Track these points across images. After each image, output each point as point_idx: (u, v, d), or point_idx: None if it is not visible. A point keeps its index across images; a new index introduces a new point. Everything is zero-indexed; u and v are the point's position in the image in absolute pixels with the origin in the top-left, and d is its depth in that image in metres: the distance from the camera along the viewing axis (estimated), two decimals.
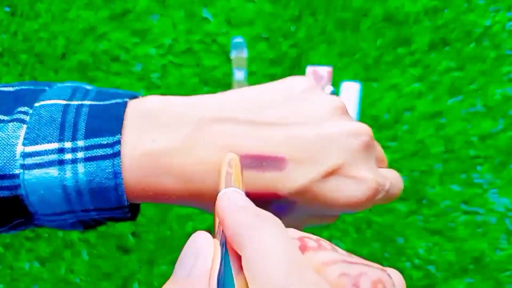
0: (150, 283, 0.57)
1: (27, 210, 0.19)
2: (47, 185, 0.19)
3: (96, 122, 0.20)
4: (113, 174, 0.19)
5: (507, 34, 0.59)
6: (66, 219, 0.20)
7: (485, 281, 0.57)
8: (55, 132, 0.19)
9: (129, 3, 0.59)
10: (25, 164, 0.19)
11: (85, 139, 0.19)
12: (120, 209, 0.20)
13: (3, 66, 0.58)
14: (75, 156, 0.19)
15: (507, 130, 0.59)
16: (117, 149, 0.19)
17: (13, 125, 0.19)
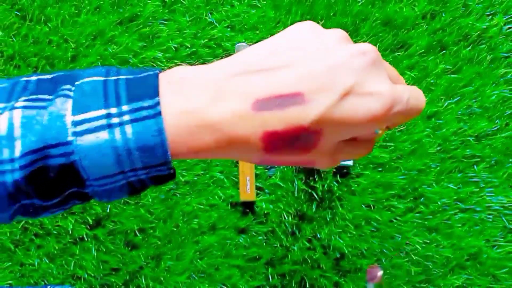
0: (157, 277, 0.58)
1: (79, 176, 0.21)
2: (99, 148, 0.20)
3: (135, 90, 0.22)
4: (158, 131, 0.21)
5: (503, 37, 0.61)
6: (116, 181, 0.21)
7: (483, 277, 0.58)
8: (100, 101, 0.21)
9: (137, 8, 0.61)
10: (77, 131, 0.20)
11: (128, 103, 0.21)
12: (165, 165, 0.21)
13: (13, 68, 0.60)
14: (122, 119, 0.21)
15: (503, 130, 0.60)
16: (158, 110, 0.21)
17: (60, 100, 0.21)
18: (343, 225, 0.59)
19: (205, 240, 0.59)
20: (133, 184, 0.22)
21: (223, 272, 0.58)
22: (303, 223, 0.59)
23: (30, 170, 0.20)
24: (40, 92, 0.21)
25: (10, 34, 0.60)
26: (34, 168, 0.20)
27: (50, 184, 0.21)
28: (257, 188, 0.59)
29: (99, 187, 0.22)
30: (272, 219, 0.59)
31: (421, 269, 0.58)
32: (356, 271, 0.59)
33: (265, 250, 0.59)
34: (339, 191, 0.59)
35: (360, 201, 0.59)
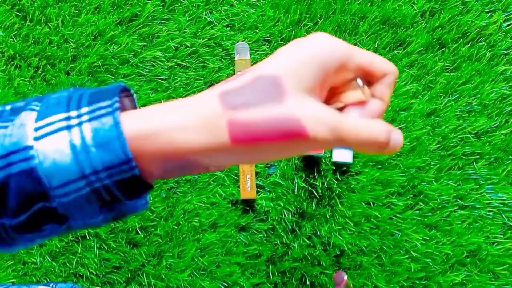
0: (158, 275, 0.59)
1: (41, 184, 0.20)
2: (58, 148, 0.20)
3: (97, 96, 0.22)
4: (114, 125, 0.20)
5: (502, 34, 0.61)
6: (80, 188, 0.21)
7: (482, 274, 0.58)
8: (62, 108, 0.21)
9: (137, 8, 0.61)
10: (37, 136, 0.20)
11: (88, 105, 0.21)
12: (126, 164, 0.21)
13: (14, 68, 0.60)
14: (81, 120, 0.21)
15: (503, 127, 0.60)
16: (116, 106, 0.21)
17: (25, 113, 0.21)
18: (343, 222, 0.59)
19: (206, 237, 0.59)
20: (99, 193, 0.21)
21: (224, 269, 0.59)
22: (303, 221, 0.59)
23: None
24: (12, 115, 0.22)
25: (10, 35, 0.60)
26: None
27: (14, 195, 0.21)
28: (257, 186, 0.60)
29: (64, 197, 0.21)
30: (272, 217, 0.59)
31: (420, 266, 0.58)
32: (356, 268, 0.59)
33: (265, 247, 0.59)
34: (339, 189, 0.60)
35: (359, 199, 0.59)
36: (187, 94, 0.61)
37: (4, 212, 0.21)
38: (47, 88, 0.60)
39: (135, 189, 0.22)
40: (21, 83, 0.60)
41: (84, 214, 0.22)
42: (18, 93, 0.60)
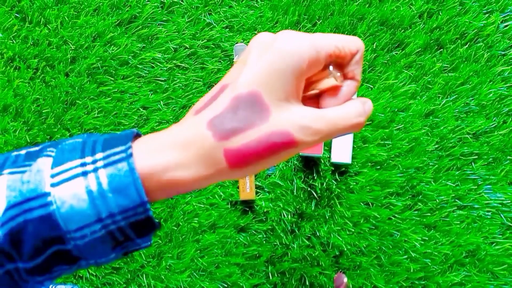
0: (158, 276, 0.59)
1: (58, 228, 0.21)
2: (75, 194, 0.21)
3: (110, 141, 0.23)
4: (130, 171, 0.21)
5: (500, 35, 0.61)
6: (95, 231, 0.21)
7: (481, 274, 0.58)
8: (77, 154, 0.22)
9: (136, 9, 0.61)
10: (54, 182, 0.21)
11: (102, 151, 0.22)
12: (141, 207, 0.22)
13: (14, 70, 0.60)
14: (96, 166, 0.21)
15: (501, 128, 0.60)
16: (130, 152, 0.22)
17: (41, 159, 0.22)
18: (342, 223, 0.59)
19: (206, 238, 0.59)
20: (114, 234, 0.22)
21: (223, 270, 0.59)
22: (302, 221, 0.59)
23: (11, 226, 0.21)
24: (27, 161, 0.22)
25: (10, 36, 0.60)
26: (15, 224, 0.21)
27: (31, 240, 0.21)
28: (257, 187, 0.60)
29: (80, 239, 0.22)
30: (271, 218, 0.60)
31: (419, 266, 0.58)
32: (355, 268, 0.59)
33: (265, 248, 0.59)
34: (338, 189, 0.60)
35: (358, 199, 0.59)
36: (186, 95, 0.61)
37: (19, 256, 0.21)
38: (46, 90, 0.60)
39: (147, 228, 0.23)
40: (20, 85, 0.60)
41: (97, 255, 0.23)
42: (17, 94, 0.60)
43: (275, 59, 0.23)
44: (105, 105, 0.60)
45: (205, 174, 0.23)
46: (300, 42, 0.24)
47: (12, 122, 0.59)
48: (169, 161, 0.22)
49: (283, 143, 0.23)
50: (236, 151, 0.22)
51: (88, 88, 0.60)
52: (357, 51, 0.26)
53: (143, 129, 0.61)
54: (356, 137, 0.61)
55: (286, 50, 0.23)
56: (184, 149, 0.23)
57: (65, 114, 0.60)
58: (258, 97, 0.23)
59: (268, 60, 0.23)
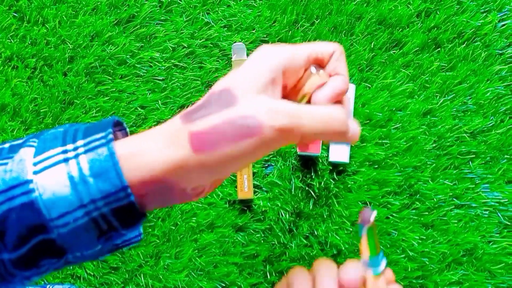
0: (156, 276, 0.59)
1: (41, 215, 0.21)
2: (57, 180, 0.21)
3: (91, 129, 0.23)
4: (110, 155, 0.21)
5: (497, 34, 0.61)
6: (78, 218, 0.21)
7: (479, 272, 0.58)
8: (58, 142, 0.22)
9: (134, 9, 0.61)
10: (36, 170, 0.21)
11: (83, 138, 0.22)
12: (123, 191, 0.21)
13: (11, 69, 0.60)
14: (77, 152, 0.22)
15: (498, 127, 0.60)
16: (110, 138, 0.22)
17: (24, 149, 0.22)
18: (340, 222, 0.59)
19: (204, 238, 0.59)
20: (97, 222, 0.22)
21: (221, 269, 0.59)
22: (300, 221, 0.60)
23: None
24: (10, 153, 0.22)
25: (8, 36, 0.60)
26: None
27: (14, 228, 0.21)
28: (255, 186, 0.60)
29: (63, 227, 0.21)
30: (269, 217, 0.60)
31: (417, 265, 0.59)
32: None
33: (263, 247, 0.59)
34: (336, 189, 0.60)
35: (356, 198, 0.60)
36: (184, 94, 0.62)
37: (4, 246, 0.21)
38: (44, 89, 0.60)
39: (130, 217, 0.23)
40: (18, 84, 0.60)
41: (82, 245, 0.22)
42: (15, 94, 0.60)
43: (249, 62, 0.24)
44: (103, 104, 0.61)
45: (171, 157, 0.22)
46: (279, 46, 0.25)
47: (10, 122, 0.59)
48: (143, 145, 0.23)
49: (249, 127, 0.23)
50: (200, 132, 0.22)
51: (86, 87, 0.60)
52: (334, 52, 0.27)
53: (141, 128, 0.61)
54: None
55: (265, 51, 0.25)
56: (157, 135, 0.23)
57: (63, 113, 0.60)
58: (227, 90, 0.24)
59: (247, 62, 0.24)
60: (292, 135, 0.23)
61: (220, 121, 0.22)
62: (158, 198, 0.23)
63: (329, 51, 0.26)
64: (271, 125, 0.23)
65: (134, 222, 0.23)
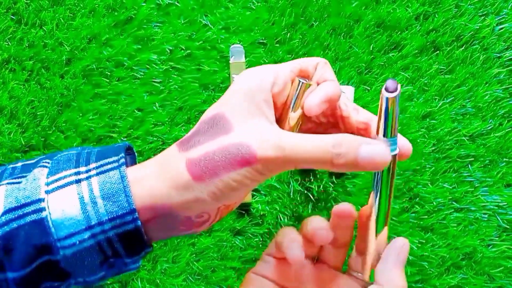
0: (153, 280, 0.58)
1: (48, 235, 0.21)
2: (67, 200, 0.21)
3: (104, 152, 0.24)
4: (120, 178, 0.22)
5: (495, 38, 0.61)
6: (84, 240, 0.22)
7: (478, 276, 0.58)
8: (72, 164, 0.23)
9: (132, 11, 0.61)
10: (48, 189, 0.22)
11: (96, 161, 0.23)
12: (130, 215, 0.22)
13: (9, 72, 0.60)
14: (89, 174, 0.22)
15: (497, 130, 0.60)
16: (122, 162, 0.23)
17: (38, 169, 0.23)
18: None
19: (201, 242, 0.59)
20: (102, 246, 0.22)
21: (219, 274, 0.59)
22: (299, 224, 0.59)
23: (4, 230, 0.21)
24: (23, 172, 0.23)
25: (5, 38, 0.60)
26: (8, 229, 0.21)
27: (22, 247, 0.21)
28: (253, 189, 0.60)
29: (69, 248, 0.22)
30: (268, 221, 0.59)
31: (416, 269, 0.58)
32: None
33: (261, 251, 0.59)
34: (335, 192, 0.60)
35: (356, 202, 0.59)
36: (182, 97, 0.61)
37: (10, 264, 0.22)
38: (41, 92, 0.59)
39: (136, 244, 0.23)
40: (15, 87, 0.59)
41: (85, 270, 0.23)
42: (12, 96, 0.59)
43: (239, 83, 0.25)
44: (100, 107, 0.60)
45: (174, 185, 0.23)
46: (262, 67, 0.26)
47: (6, 125, 0.59)
48: (147, 172, 0.24)
49: (242, 155, 0.23)
50: (196, 161, 0.23)
51: (83, 90, 0.60)
52: (317, 63, 0.28)
53: (139, 131, 0.60)
54: None
55: (250, 73, 0.25)
56: (158, 163, 0.24)
57: (60, 116, 0.60)
58: (221, 116, 0.24)
59: (233, 86, 0.25)
60: (283, 165, 0.24)
61: (217, 148, 0.23)
62: (163, 226, 0.24)
63: (313, 63, 0.27)
64: (262, 156, 0.23)
65: (139, 251, 0.23)
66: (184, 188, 0.23)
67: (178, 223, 0.24)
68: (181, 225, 0.24)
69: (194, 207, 0.24)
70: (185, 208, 0.23)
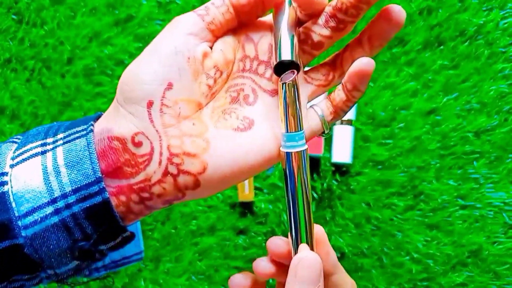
0: (156, 279, 0.58)
1: (9, 210, 0.19)
2: (30, 171, 0.20)
3: (74, 123, 0.22)
4: (86, 145, 0.20)
5: (500, 32, 0.61)
6: (47, 216, 0.19)
7: (484, 274, 0.58)
8: (40, 136, 0.21)
9: (132, 9, 0.61)
10: (13, 163, 0.20)
11: (64, 132, 0.21)
12: (96, 184, 0.20)
13: (11, 71, 0.60)
14: (56, 144, 0.20)
15: (502, 125, 0.60)
16: (90, 129, 0.21)
17: (6, 144, 0.21)
18: (343, 224, 0.59)
19: (204, 241, 0.58)
20: (68, 225, 0.20)
21: (222, 273, 0.58)
22: None
23: None
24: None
25: (7, 38, 0.60)
26: None
27: None
28: (256, 188, 0.59)
29: (31, 226, 0.19)
30: (271, 220, 0.59)
31: (422, 267, 0.58)
32: (357, 271, 0.58)
33: (264, 250, 0.58)
34: (339, 190, 0.59)
35: (360, 200, 0.59)
36: None
37: None
38: (42, 91, 0.59)
39: (107, 225, 0.20)
40: (17, 86, 0.59)
41: (53, 257, 0.20)
42: (14, 96, 0.59)
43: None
44: (101, 105, 0.60)
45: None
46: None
47: (8, 124, 0.59)
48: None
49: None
50: None
51: (85, 89, 0.60)
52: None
53: None
54: (357, 137, 0.60)
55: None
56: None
57: (61, 115, 0.59)
58: None
59: None
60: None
61: None
62: (117, 170, 0.21)
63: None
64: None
65: (114, 236, 0.21)
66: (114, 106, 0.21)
67: (124, 161, 0.20)
68: (126, 165, 0.20)
69: (128, 124, 0.20)
70: (119, 125, 0.20)
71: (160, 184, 0.21)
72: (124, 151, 0.21)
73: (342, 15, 0.23)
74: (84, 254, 0.21)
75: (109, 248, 0.21)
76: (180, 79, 0.21)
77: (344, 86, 0.23)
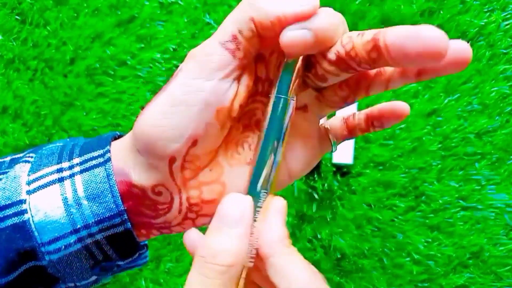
0: (157, 279, 0.58)
1: (32, 239, 0.19)
2: (50, 201, 0.19)
3: (89, 145, 0.21)
4: (106, 177, 0.20)
5: (501, 34, 0.61)
6: (70, 244, 0.20)
7: (485, 275, 0.57)
8: (54, 159, 0.21)
9: (135, 10, 0.61)
10: (30, 189, 0.20)
11: (79, 156, 0.21)
12: (118, 217, 0.20)
13: (14, 71, 0.60)
14: (72, 171, 0.20)
15: (504, 127, 0.60)
16: (108, 157, 0.20)
17: (19, 165, 0.21)
18: (344, 225, 0.59)
19: None
20: (90, 250, 0.20)
21: None
22: (303, 224, 0.59)
23: None
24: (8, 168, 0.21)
25: (10, 38, 0.60)
26: None
27: (3, 251, 0.19)
28: None
29: (55, 254, 0.20)
30: None
31: (423, 268, 0.58)
32: (357, 271, 0.58)
33: None
34: (340, 191, 0.59)
35: (360, 201, 0.59)
36: None
37: None
38: (45, 91, 0.59)
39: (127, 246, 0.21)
40: (19, 86, 0.59)
41: (75, 274, 0.21)
42: (16, 96, 0.59)
43: None
44: (104, 106, 0.60)
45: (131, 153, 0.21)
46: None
47: (11, 124, 0.59)
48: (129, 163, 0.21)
49: None
50: None
51: (87, 89, 0.60)
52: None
53: None
54: (358, 137, 0.60)
55: None
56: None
57: (63, 115, 0.60)
58: None
59: None
60: None
61: None
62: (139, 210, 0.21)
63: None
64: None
65: (132, 253, 0.21)
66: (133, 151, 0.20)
67: (145, 205, 0.21)
68: (147, 208, 0.20)
69: (147, 174, 0.20)
70: (138, 173, 0.20)
71: (180, 225, 0.22)
72: (144, 198, 0.21)
73: (355, 65, 0.19)
74: (104, 269, 0.21)
75: (126, 263, 0.22)
76: (206, 134, 0.19)
77: (369, 120, 0.22)
